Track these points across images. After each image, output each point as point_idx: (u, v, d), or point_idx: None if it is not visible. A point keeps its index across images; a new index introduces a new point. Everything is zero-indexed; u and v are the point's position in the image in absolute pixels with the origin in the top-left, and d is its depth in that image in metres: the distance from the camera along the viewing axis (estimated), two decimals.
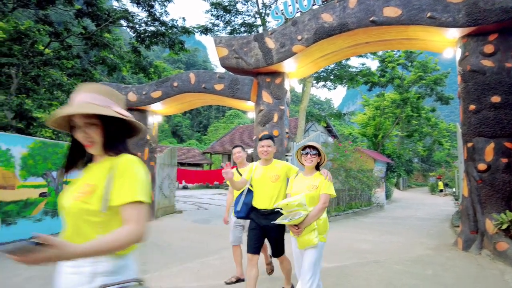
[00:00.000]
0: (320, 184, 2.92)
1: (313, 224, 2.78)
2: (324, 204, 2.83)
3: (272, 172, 3.39)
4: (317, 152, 3.02)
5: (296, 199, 2.69)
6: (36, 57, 12.77)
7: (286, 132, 8.03)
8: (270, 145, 3.45)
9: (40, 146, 7.07)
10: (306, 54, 7.69)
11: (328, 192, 2.89)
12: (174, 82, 8.86)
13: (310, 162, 2.99)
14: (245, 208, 3.60)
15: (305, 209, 2.69)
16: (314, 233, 2.76)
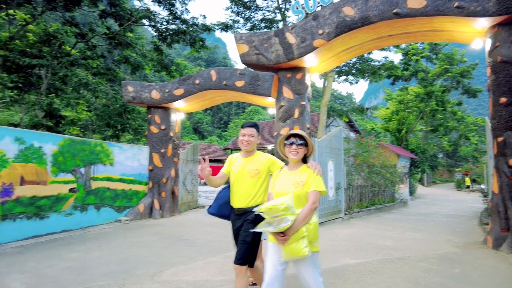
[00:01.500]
0: (308, 180, 2.44)
1: (301, 230, 2.30)
2: (313, 204, 2.37)
3: (252, 166, 2.92)
4: (304, 142, 2.54)
5: (282, 201, 2.23)
6: (64, 57, 13.23)
7: (307, 128, 7.99)
8: (253, 134, 2.96)
9: (69, 143, 7.35)
10: (327, 48, 7.60)
11: (318, 189, 2.42)
12: (196, 79, 8.98)
13: (295, 154, 2.51)
14: (216, 204, 3.20)
15: (292, 213, 2.26)
16: (303, 241, 2.28)
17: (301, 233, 2.29)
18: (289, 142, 2.54)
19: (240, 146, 2.98)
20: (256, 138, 2.99)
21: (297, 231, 2.29)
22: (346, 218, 9.41)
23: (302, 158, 2.58)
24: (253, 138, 2.95)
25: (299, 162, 2.58)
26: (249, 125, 2.99)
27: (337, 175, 9.24)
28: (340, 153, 9.59)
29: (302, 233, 2.29)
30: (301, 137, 2.55)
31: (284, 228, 2.24)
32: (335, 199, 9.09)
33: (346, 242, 6.34)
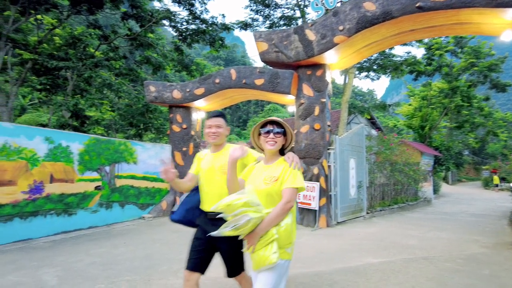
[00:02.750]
0: (282, 175, 2.08)
1: (271, 233, 1.92)
2: (287, 204, 1.98)
3: (222, 161, 2.50)
4: (282, 130, 2.19)
5: (240, 196, 1.91)
6: (88, 59, 13.64)
7: (328, 125, 7.92)
8: (220, 124, 2.57)
9: (94, 142, 7.59)
10: (348, 44, 7.50)
11: (294, 186, 2.03)
12: (216, 78, 9.06)
13: (272, 144, 2.15)
14: (182, 210, 2.78)
15: (256, 211, 1.90)
16: (272, 246, 1.89)
17: (270, 237, 1.90)
18: (265, 130, 2.18)
19: (206, 139, 2.64)
20: (224, 129, 2.62)
21: (265, 235, 1.92)
22: (368, 217, 9.27)
23: (280, 149, 2.24)
24: (221, 130, 2.58)
25: (276, 155, 2.22)
26: (215, 115, 2.61)
27: (359, 173, 9.12)
28: (362, 151, 9.45)
29: (271, 236, 1.90)
30: (279, 125, 2.20)
31: (245, 228, 1.85)
32: (357, 198, 8.97)
33: (368, 241, 6.25)
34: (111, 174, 7.99)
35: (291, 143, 2.27)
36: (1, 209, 5.72)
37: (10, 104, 12.68)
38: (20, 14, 12.67)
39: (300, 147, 7.81)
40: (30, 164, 6.19)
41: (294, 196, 2.03)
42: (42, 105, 18.69)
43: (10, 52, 13.34)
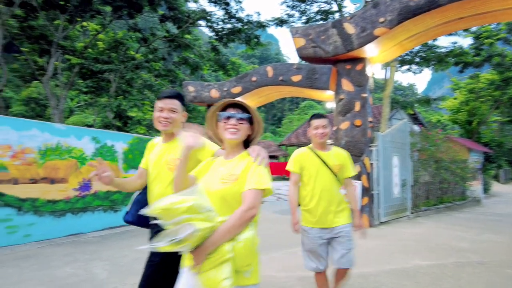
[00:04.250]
0: (244, 173, 1.61)
1: (223, 249, 1.42)
2: (249, 211, 1.48)
3: (172, 154, 2.04)
4: (247, 116, 1.70)
5: (184, 197, 1.40)
6: (129, 61, 14.23)
7: (369, 121, 7.63)
8: (175, 108, 2.06)
9: (137, 141, 7.87)
10: (389, 37, 7.17)
11: (258, 187, 1.55)
12: (253, 77, 9.05)
13: (234, 132, 1.67)
14: (134, 210, 2.22)
15: (206, 219, 1.40)
16: (225, 268, 1.39)
17: (222, 255, 1.40)
18: (225, 116, 1.69)
19: (155, 126, 2.10)
20: (179, 114, 2.08)
21: (216, 251, 1.42)
22: (412, 217, 8.85)
23: (245, 142, 1.77)
24: (174, 115, 2.05)
25: (239, 147, 1.74)
26: (169, 95, 2.07)
27: (402, 171, 8.72)
28: (405, 148, 9.03)
29: (224, 255, 1.40)
30: (243, 108, 1.71)
31: (188, 242, 1.34)
32: (401, 197, 8.59)
33: (414, 242, 5.95)
34: None
35: (259, 133, 1.79)
36: (56, 204, 6.10)
37: (60, 107, 13.53)
38: (68, 22, 13.47)
39: (340, 144, 7.60)
40: (79, 162, 6.54)
41: (258, 201, 1.53)
42: (88, 107, 19.80)
43: (60, 58, 14.23)
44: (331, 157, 2.86)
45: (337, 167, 2.85)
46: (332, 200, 2.80)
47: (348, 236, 2.78)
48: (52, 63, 13.03)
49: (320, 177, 2.81)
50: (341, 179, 2.91)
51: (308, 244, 2.85)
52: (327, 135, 2.84)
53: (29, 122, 5.93)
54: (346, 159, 2.94)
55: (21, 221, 5.57)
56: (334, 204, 2.80)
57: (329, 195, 2.80)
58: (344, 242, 2.77)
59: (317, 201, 2.80)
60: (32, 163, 5.81)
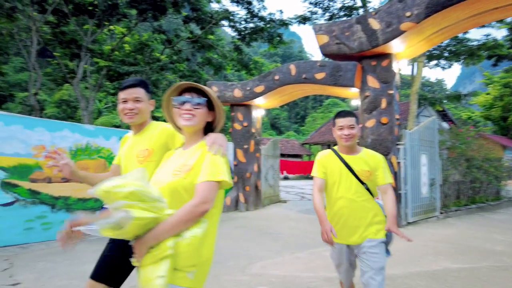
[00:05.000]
0: (198, 163, 1.46)
1: (164, 245, 1.29)
2: (200, 206, 1.34)
3: (142, 145, 1.91)
4: (204, 100, 1.54)
5: (126, 181, 1.29)
6: (155, 63, 14.56)
7: (396, 118, 7.42)
8: (139, 97, 1.92)
9: None
10: (416, 31, 6.94)
11: (213, 178, 1.39)
12: (276, 75, 9.03)
13: (189, 119, 1.52)
14: None
15: (150, 208, 1.29)
16: (162, 265, 1.27)
17: (162, 251, 1.28)
18: (180, 101, 1.53)
19: (121, 119, 1.96)
20: (145, 103, 1.94)
21: (157, 246, 1.30)
22: (442, 217, 8.54)
23: (207, 129, 1.62)
24: (140, 104, 1.91)
25: (198, 135, 1.59)
26: (130, 84, 1.92)
27: (431, 170, 8.44)
28: (434, 146, 8.73)
29: (164, 251, 1.28)
30: (200, 92, 1.56)
31: (124, 230, 1.24)
32: (429, 196, 8.31)
33: (444, 244, 5.74)
34: None
35: (221, 121, 1.62)
36: (86, 203, 6.34)
37: (90, 108, 14.04)
38: (96, 27, 13.95)
39: (366, 143, 7.44)
40: (107, 162, 6.76)
41: (212, 195, 1.38)
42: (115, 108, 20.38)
43: (89, 61, 14.77)
44: (359, 161, 2.39)
45: (365, 174, 2.36)
46: (355, 213, 2.33)
47: (374, 253, 2.29)
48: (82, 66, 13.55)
49: (343, 184, 2.37)
50: (372, 188, 2.40)
51: (335, 259, 2.52)
52: (355, 137, 2.37)
53: (61, 124, 6.19)
54: (378, 164, 2.40)
55: (55, 218, 5.83)
56: (357, 218, 2.33)
57: (352, 206, 2.34)
58: (369, 259, 2.29)
59: (335, 213, 2.41)
60: None
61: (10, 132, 5.34)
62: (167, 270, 1.26)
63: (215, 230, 1.50)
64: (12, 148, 5.34)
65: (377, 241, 2.32)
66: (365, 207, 2.35)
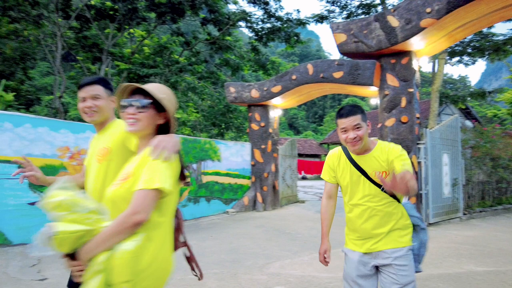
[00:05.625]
0: (138, 169, 1.35)
1: (96, 259, 1.22)
2: (133, 216, 1.22)
3: (101, 144, 1.80)
4: (149, 102, 1.42)
5: (54, 192, 1.27)
6: (174, 65, 14.79)
7: (416, 117, 7.28)
8: (97, 95, 1.82)
9: (183, 142, 8.18)
10: (437, 28, 6.78)
11: (147, 187, 1.26)
12: (293, 75, 9.01)
13: (132, 124, 1.42)
14: None
15: (80, 220, 1.24)
16: (93, 281, 1.21)
17: (94, 266, 1.22)
18: (124, 103, 1.45)
19: (83, 118, 1.91)
20: (105, 100, 1.84)
21: (92, 261, 1.23)
22: (465, 218, 8.30)
23: (162, 131, 1.48)
24: (98, 102, 1.82)
25: (150, 139, 1.43)
26: (88, 82, 1.83)
27: (453, 170, 8.21)
28: (456, 145, 8.49)
29: (95, 266, 1.22)
30: (144, 93, 1.44)
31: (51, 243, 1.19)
32: (452, 197, 8.09)
33: (468, 246, 5.58)
34: (198, 171, 8.53)
35: (172, 122, 1.49)
36: None
37: None
38: (117, 30, 14.31)
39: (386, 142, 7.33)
40: None
41: (147, 204, 1.24)
42: None
43: (110, 64, 15.16)
44: (372, 161, 1.97)
45: (381, 175, 1.93)
46: (374, 221, 1.96)
47: (401, 266, 1.88)
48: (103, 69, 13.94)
49: (356, 190, 2.02)
50: None
51: (345, 270, 2.10)
52: (363, 138, 1.92)
53: (83, 125, 6.39)
54: (394, 155, 1.94)
55: None
56: (377, 226, 1.96)
57: (369, 214, 1.97)
58: (395, 273, 1.88)
59: (349, 219, 2.09)
60: None
61: (37, 134, 5.57)
62: (96, 286, 1.19)
63: (164, 241, 1.36)
64: (39, 149, 5.57)
65: (403, 250, 1.91)
66: (385, 213, 1.95)
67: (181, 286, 3.73)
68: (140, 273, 1.24)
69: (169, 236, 1.43)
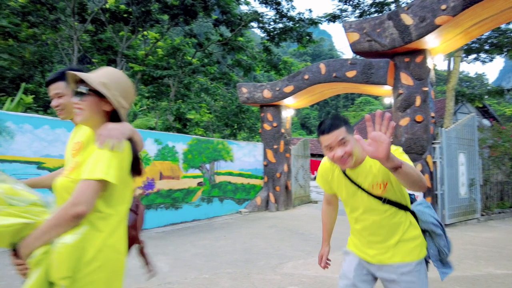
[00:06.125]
0: (83, 160, 1.31)
1: (35, 254, 1.18)
2: (73, 208, 1.16)
3: (76, 138, 1.62)
4: (87, 89, 1.32)
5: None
6: (187, 67, 14.94)
7: (431, 116, 7.15)
8: (59, 93, 1.73)
9: (196, 142, 8.26)
10: (452, 25, 6.65)
11: (89, 177, 1.20)
12: (305, 75, 8.99)
13: (79, 114, 1.34)
14: None
15: (16, 214, 1.20)
16: (32, 275, 1.17)
17: (33, 260, 1.17)
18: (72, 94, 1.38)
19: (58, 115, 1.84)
20: (69, 97, 1.63)
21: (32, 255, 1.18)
22: (483, 220, 8.11)
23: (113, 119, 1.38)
24: (62, 100, 1.73)
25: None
26: (50, 80, 1.74)
27: (470, 170, 8.04)
28: (473, 144, 8.31)
29: (34, 260, 1.17)
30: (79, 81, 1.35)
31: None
32: (469, 197, 7.92)
33: (486, 248, 5.46)
34: (211, 171, 8.60)
35: (119, 108, 1.36)
36: None
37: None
38: (131, 33, 14.54)
39: (400, 142, 7.23)
40: (143, 163, 7.04)
41: (88, 195, 1.18)
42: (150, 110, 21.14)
43: (124, 66, 15.41)
44: (366, 174, 1.72)
45: (378, 187, 1.70)
46: (378, 233, 1.77)
47: (409, 283, 1.69)
48: None
49: (354, 205, 1.82)
50: (397, 197, 1.74)
51: (343, 268, 1.94)
52: (352, 154, 1.63)
53: None
54: None
55: None
56: (384, 238, 1.76)
57: (372, 228, 1.78)
58: None
59: (353, 231, 1.93)
60: None
61: (55, 135, 5.72)
62: (34, 280, 1.15)
63: (113, 234, 1.27)
64: (57, 150, 5.71)
65: (411, 265, 1.71)
66: (391, 225, 1.74)
67: (194, 285, 3.77)
68: (83, 268, 1.18)
69: (121, 229, 1.33)
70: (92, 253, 1.19)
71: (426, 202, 1.88)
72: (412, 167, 1.43)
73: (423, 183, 1.46)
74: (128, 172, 1.34)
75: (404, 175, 1.38)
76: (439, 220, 1.82)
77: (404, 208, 1.76)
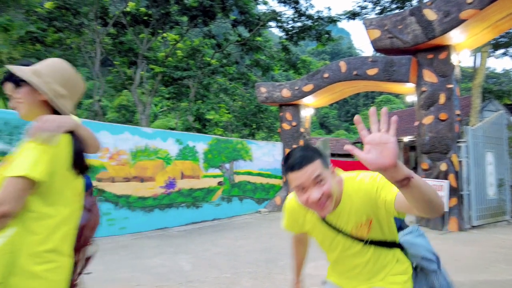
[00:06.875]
0: (16, 155, 1.21)
1: None
2: None
3: None
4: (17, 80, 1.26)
5: None
6: (206, 67, 15.08)
7: (456, 114, 6.92)
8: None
9: (216, 142, 8.32)
10: (478, 19, 6.41)
11: (13, 174, 1.09)
12: (325, 73, 8.89)
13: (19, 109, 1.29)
14: None
15: None
16: None
17: None
18: None
19: None
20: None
21: None
22: None
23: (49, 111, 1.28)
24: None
25: None
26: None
27: (498, 170, 7.72)
28: (502, 143, 7.98)
29: None
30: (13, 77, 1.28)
31: None
32: (497, 198, 7.61)
33: None
34: (231, 171, 8.64)
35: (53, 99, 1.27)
36: (145, 201, 6.76)
37: (146, 112, 14.93)
38: (151, 35, 14.81)
39: (424, 140, 7.04)
40: (165, 162, 7.15)
41: (13, 194, 1.07)
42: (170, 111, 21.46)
43: (145, 68, 15.72)
44: (347, 215, 1.38)
45: (363, 228, 1.38)
46: (362, 274, 1.47)
47: None
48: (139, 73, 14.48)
49: (332, 248, 1.50)
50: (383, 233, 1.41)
51: None
52: (332, 194, 1.30)
53: (122, 127, 6.67)
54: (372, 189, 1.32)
55: (118, 215, 6.30)
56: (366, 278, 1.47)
57: (355, 271, 1.48)
58: None
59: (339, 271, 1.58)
60: (125, 163, 6.52)
61: None
62: None
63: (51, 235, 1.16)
64: None
65: None
66: (374, 265, 1.45)
67: (216, 284, 3.78)
68: (16, 274, 1.08)
69: (63, 229, 1.21)
70: (24, 257, 1.09)
71: (419, 229, 1.55)
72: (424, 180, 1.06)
73: (439, 203, 1.07)
74: (68, 168, 1.22)
75: (417, 191, 0.99)
76: (434, 253, 1.48)
77: (390, 245, 1.45)
